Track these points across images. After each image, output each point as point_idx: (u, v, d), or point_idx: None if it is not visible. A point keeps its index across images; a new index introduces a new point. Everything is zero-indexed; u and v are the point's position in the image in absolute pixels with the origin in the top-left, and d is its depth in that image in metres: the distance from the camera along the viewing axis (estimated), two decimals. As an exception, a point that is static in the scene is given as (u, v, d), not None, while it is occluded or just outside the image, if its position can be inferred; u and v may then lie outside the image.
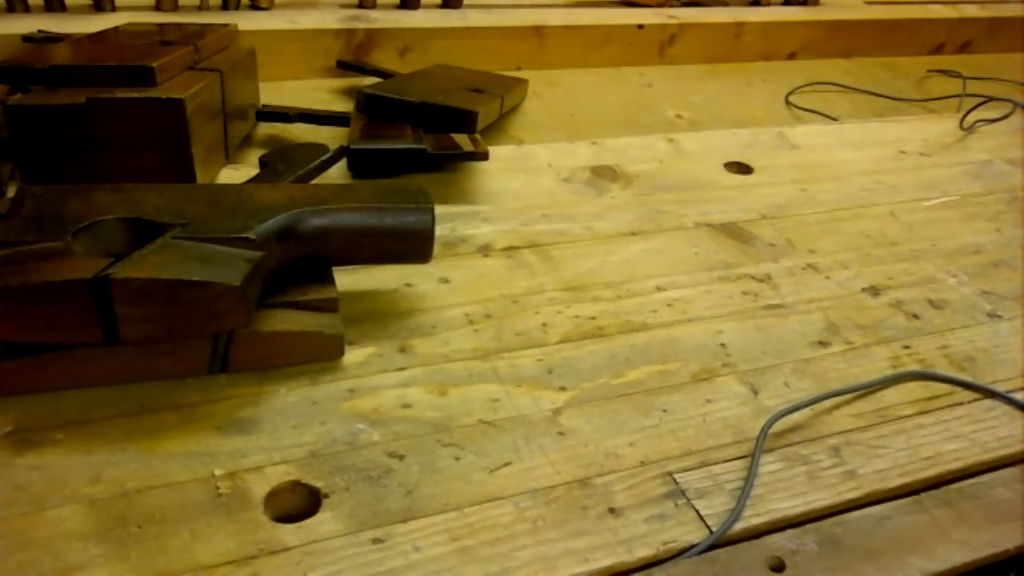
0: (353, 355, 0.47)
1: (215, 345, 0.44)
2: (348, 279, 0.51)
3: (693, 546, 0.38)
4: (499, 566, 0.36)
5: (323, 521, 0.37)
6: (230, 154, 0.69)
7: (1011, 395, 0.49)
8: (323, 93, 0.89)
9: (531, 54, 1.03)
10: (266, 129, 0.77)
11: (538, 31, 1.02)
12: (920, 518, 0.40)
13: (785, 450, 0.44)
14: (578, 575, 0.36)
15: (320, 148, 0.65)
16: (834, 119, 0.91)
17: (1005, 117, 0.92)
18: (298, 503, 0.38)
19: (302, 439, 0.41)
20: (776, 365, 0.50)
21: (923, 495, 0.42)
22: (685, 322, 0.53)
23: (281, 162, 0.62)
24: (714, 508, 0.40)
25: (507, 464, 0.41)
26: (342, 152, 0.66)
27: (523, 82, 0.91)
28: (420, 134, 0.69)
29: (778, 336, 0.52)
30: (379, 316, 0.51)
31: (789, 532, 0.39)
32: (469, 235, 0.61)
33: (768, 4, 1.23)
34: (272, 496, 0.38)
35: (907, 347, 0.53)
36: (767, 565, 0.37)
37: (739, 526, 0.39)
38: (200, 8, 0.95)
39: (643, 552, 0.37)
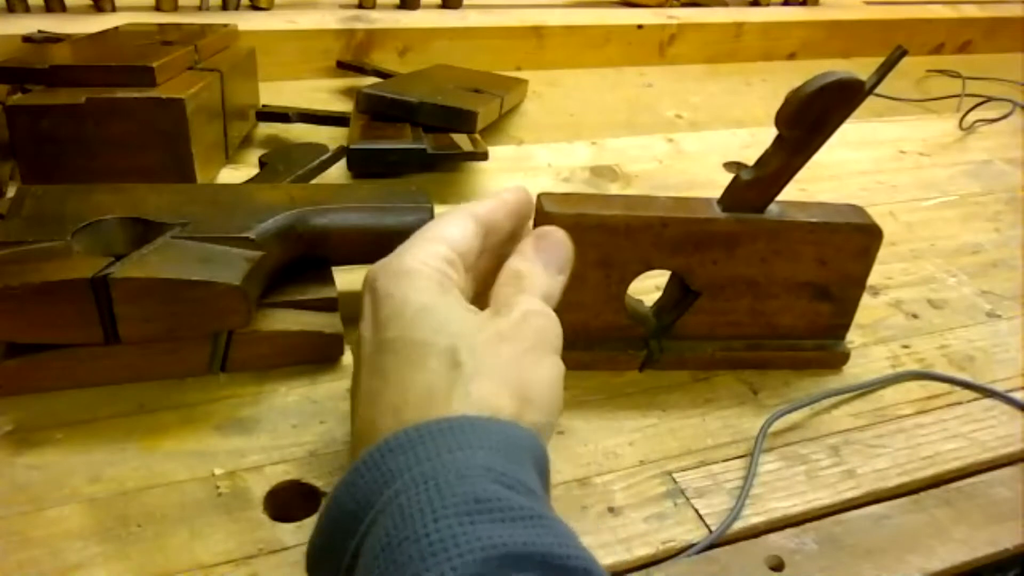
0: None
1: (215, 345, 0.44)
2: (348, 279, 0.51)
3: (692, 545, 0.38)
4: (498, 565, 0.36)
5: (323, 520, 0.37)
6: (230, 154, 0.69)
7: (1010, 395, 0.49)
8: (323, 93, 0.89)
9: (531, 54, 1.03)
10: (266, 129, 0.77)
11: (538, 31, 1.02)
12: (919, 517, 0.40)
13: (784, 449, 0.44)
14: (577, 574, 0.36)
15: (320, 148, 0.65)
16: (834, 119, 0.91)
17: (1004, 117, 0.92)
18: (298, 502, 0.38)
19: (302, 438, 0.41)
20: (775, 365, 0.50)
21: (922, 494, 0.42)
22: (684, 322, 0.53)
23: (281, 162, 0.62)
24: (713, 507, 0.40)
25: (506, 463, 0.41)
26: (342, 152, 0.66)
27: (523, 82, 0.91)
28: (420, 134, 0.69)
29: (777, 336, 0.52)
30: (379, 316, 0.51)
31: (788, 531, 0.39)
32: (469, 235, 0.61)
33: (768, 4, 1.23)
34: (272, 495, 0.38)
35: (906, 346, 0.53)
36: (766, 564, 0.37)
37: (738, 525, 0.39)
38: (200, 8, 0.95)
39: (642, 551, 0.37)
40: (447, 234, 0.36)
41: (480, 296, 0.37)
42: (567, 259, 0.38)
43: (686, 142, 0.81)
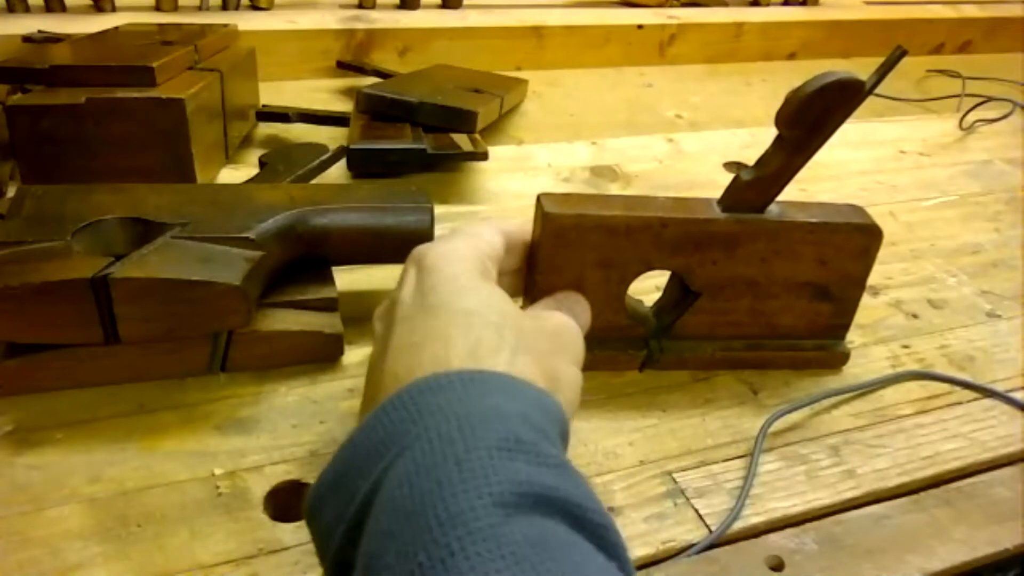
0: (353, 355, 0.47)
1: (215, 345, 0.44)
2: (348, 279, 0.51)
3: (692, 545, 0.38)
4: (498, 565, 0.36)
5: (323, 520, 0.37)
6: (230, 154, 0.69)
7: (1010, 395, 0.49)
8: (323, 93, 0.89)
9: (531, 54, 1.03)
10: (266, 129, 0.77)
11: (538, 31, 1.02)
12: (919, 517, 0.40)
13: (784, 449, 0.44)
14: (577, 574, 0.36)
15: (320, 148, 0.65)
16: (834, 119, 0.91)
17: (1004, 117, 0.92)
18: (298, 502, 0.38)
19: (302, 439, 0.41)
20: (775, 365, 0.50)
21: (922, 494, 0.42)
22: (684, 322, 0.53)
23: (281, 162, 0.62)
24: (713, 507, 0.40)
25: (506, 463, 0.41)
26: (342, 152, 0.66)
27: (523, 82, 0.91)
28: (420, 134, 0.69)
29: (777, 336, 0.52)
30: (379, 316, 0.51)
31: (788, 531, 0.39)
32: (469, 235, 0.61)
33: (768, 4, 1.23)
34: (272, 495, 0.38)
35: (906, 346, 0.53)
36: (766, 564, 0.37)
37: (738, 525, 0.39)
38: (200, 8, 0.95)
39: (642, 551, 0.37)
40: (484, 235, 0.38)
41: None
42: (586, 322, 0.41)
43: (686, 142, 0.81)
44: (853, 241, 0.45)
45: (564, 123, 0.88)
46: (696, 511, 0.39)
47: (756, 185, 0.43)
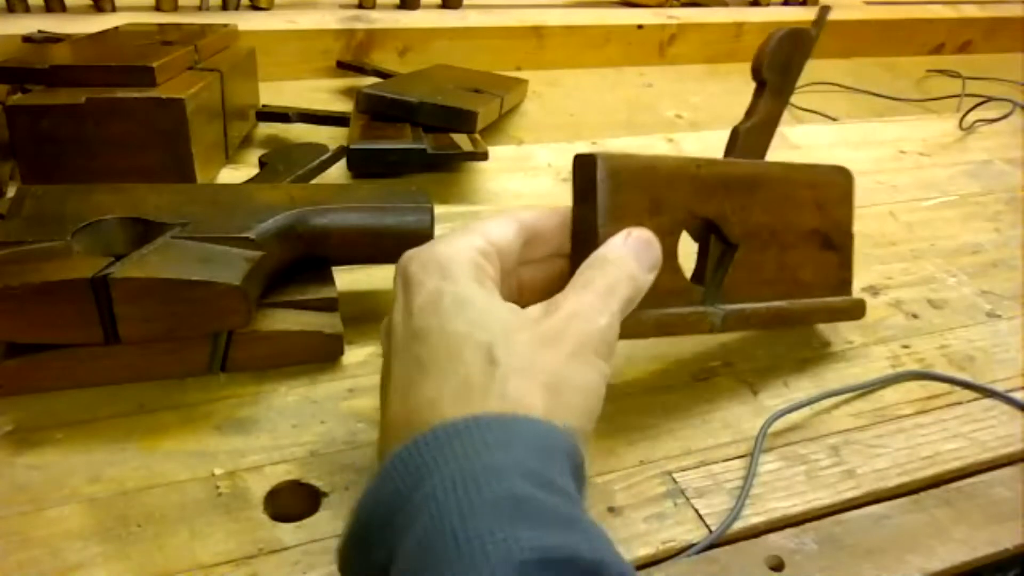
0: (353, 355, 0.47)
1: (215, 345, 0.44)
2: (348, 279, 0.51)
3: (692, 545, 0.38)
4: (498, 565, 0.36)
5: (323, 520, 0.37)
6: (230, 154, 0.69)
7: (1010, 395, 0.49)
8: (323, 93, 0.89)
9: (531, 54, 1.03)
10: (266, 129, 0.77)
11: (538, 31, 1.02)
12: (919, 517, 0.40)
13: (784, 449, 0.44)
14: (577, 574, 0.36)
15: (320, 148, 0.65)
16: (834, 119, 0.90)
17: (1004, 117, 0.92)
18: (298, 502, 0.38)
19: (302, 438, 0.41)
20: (775, 364, 0.50)
21: (922, 494, 0.42)
22: (684, 322, 0.53)
23: (281, 162, 0.62)
24: (713, 507, 0.40)
25: (506, 463, 0.41)
26: (342, 152, 0.66)
27: (523, 82, 0.91)
28: (420, 134, 0.69)
29: (777, 335, 0.52)
30: (379, 316, 0.50)
31: (788, 531, 0.39)
32: (469, 235, 0.61)
33: (768, 4, 1.23)
34: (272, 495, 0.38)
35: (906, 347, 0.53)
36: (766, 564, 0.37)
37: (738, 525, 0.39)
38: (200, 8, 0.95)
39: (642, 551, 0.37)
40: (486, 229, 0.36)
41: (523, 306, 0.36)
42: (657, 259, 0.37)
43: (686, 142, 0.81)
44: (837, 184, 0.51)
45: (564, 123, 0.88)
46: (696, 511, 0.39)
47: (755, 132, 0.47)
